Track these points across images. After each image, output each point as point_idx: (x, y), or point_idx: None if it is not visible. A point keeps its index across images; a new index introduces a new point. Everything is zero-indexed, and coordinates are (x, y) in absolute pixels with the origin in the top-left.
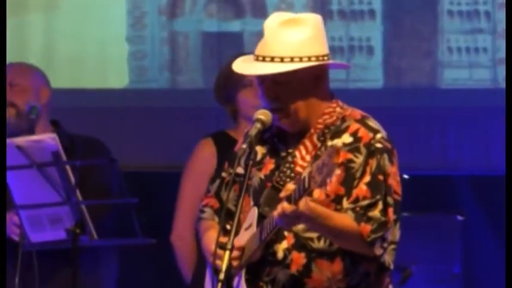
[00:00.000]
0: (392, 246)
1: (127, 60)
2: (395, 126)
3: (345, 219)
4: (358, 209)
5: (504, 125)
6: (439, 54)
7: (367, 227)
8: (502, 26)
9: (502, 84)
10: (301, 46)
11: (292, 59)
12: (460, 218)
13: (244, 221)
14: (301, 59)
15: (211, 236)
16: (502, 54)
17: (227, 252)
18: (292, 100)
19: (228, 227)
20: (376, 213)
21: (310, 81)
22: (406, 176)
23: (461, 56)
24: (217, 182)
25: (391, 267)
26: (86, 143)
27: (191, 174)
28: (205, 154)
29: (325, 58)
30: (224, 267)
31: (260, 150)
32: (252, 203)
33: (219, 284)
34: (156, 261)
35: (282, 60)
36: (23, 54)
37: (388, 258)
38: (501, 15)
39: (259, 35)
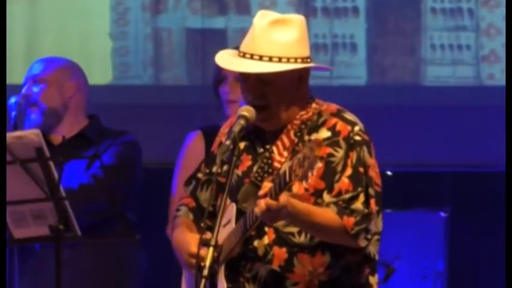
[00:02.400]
0: (376, 237)
1: (110, 56)
2: (379, 123)
3: (327, 214)
4: (340, 202)
5: (495, 122)
6: (423, 51)
7: (350, 220)
8: (485, 23)
9: (485, 81)
10: (289, 47)
11: (280, 59)
12: (443, 214)
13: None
14: (288, 60)
15: (183, 231)
16: (485, 51)
17: (211, 249)
18: (275, 99)
19: (202, 224)
20: (358, 205)
21: (293, 82)
22: (389, 173)
23: (444, 54)
24: (193, 183)
25: (376, 257)
26: (113, 136)
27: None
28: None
29: (309, 60)
30: (208, 263)
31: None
32: (228, 200)
33: (203, 280)
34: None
35: (270, 59)
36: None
37: (373, 249)
38: (484, 13)
39: (243, 31)
